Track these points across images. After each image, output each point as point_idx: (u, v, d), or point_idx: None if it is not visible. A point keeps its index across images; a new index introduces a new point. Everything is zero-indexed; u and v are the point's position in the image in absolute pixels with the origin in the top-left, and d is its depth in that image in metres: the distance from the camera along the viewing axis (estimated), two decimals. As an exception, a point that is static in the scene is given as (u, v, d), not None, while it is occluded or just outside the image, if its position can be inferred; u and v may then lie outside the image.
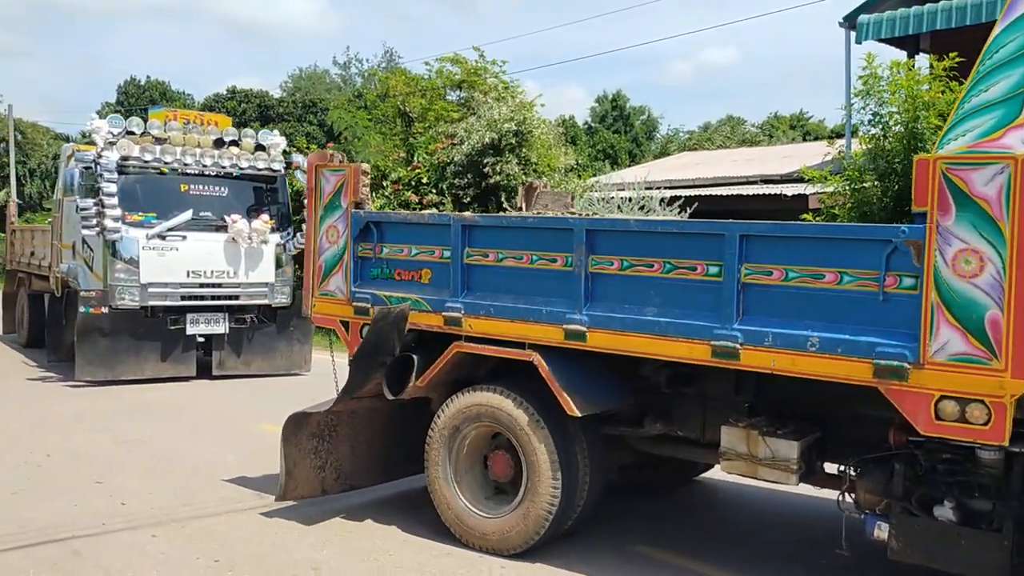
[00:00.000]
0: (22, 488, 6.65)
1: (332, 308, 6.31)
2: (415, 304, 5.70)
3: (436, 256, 5.76)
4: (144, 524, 5.88)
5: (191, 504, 6.36)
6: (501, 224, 5.72)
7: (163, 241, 11.30)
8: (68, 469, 7.26)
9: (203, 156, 11.85)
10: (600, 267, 5.03)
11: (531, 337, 5.26)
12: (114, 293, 11.08)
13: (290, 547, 5.52)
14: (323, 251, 6.34)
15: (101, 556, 5.30)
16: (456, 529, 5.60)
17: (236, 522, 5.99)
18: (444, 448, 5.62)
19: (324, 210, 6.34)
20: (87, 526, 5.81)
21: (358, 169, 6.28)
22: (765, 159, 20.16)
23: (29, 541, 5.50)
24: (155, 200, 11.53)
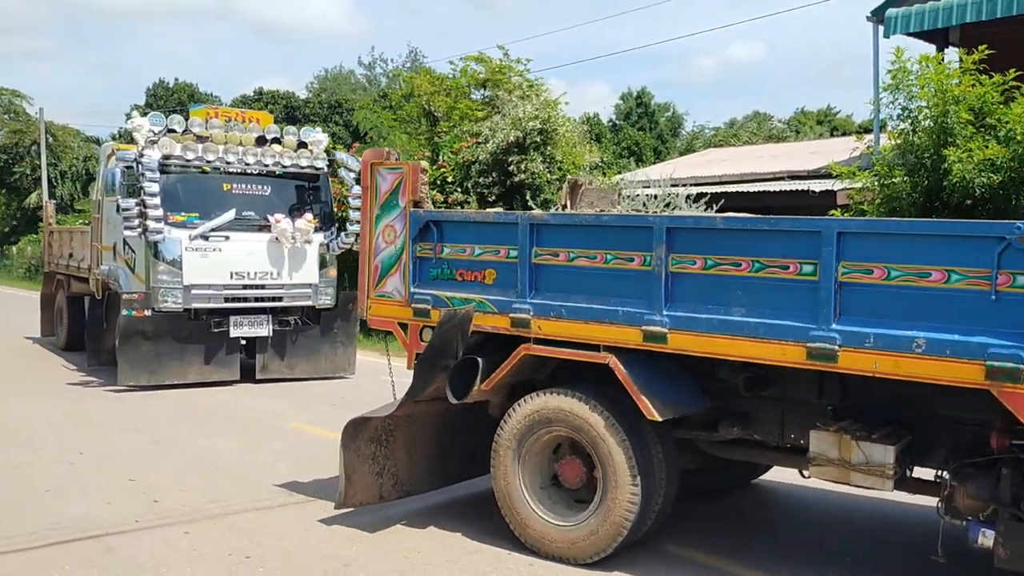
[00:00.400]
0: (56, 486, 6.69)
1: (389, 310, 6.12)
2: (479, 305, 5.53)
3: (502, 256, 5.55)
4: (177, 521, 5.92)
5: (222, 501, 6.38)
6: (573, 222, 5.47)
7: (206, 242, 10.95)
8: (101, 467, 7.30)
9: (245, 154, 11.44)
10: (682, 266, 4.82)
11: (606, 339, 5.06)
12: (156, 295, 10.75)
13: (320, 544, 5.54)
14: (379, 251, 6.14)
15: (134, 552, 5.34)
16: (527, 537, 5.39)
17: (267, 519, 6.02)
18: (513, 453, 5.42)
19: (380, 209, 6.13)
20: (120, 523, 5.86)
21: (417, 167, 6.07)
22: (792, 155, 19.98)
23: (64, 537, 5.54)
24: (197, 200, 11.17)
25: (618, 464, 4.98)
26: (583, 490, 5.34)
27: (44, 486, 6.68)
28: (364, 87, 46.27)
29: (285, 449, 8.05)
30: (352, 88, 46.08)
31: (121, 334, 10.72)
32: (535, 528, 5.35)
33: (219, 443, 8.29)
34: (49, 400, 10.31)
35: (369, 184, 6.19)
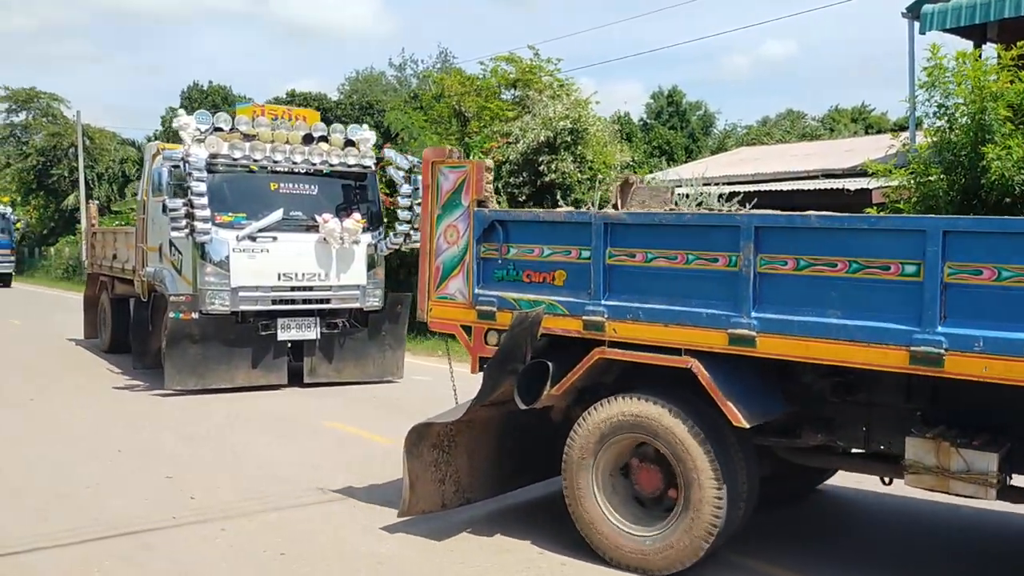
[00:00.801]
0: (95, 483, 6.73)
1: (452, 312, 5.91)
2: (549, 308, 5.34)
3: (573, 256, 5.34)
4: (213, 518, 5.93)
5: (257, 499, 6.38)
6: (652, 222, 5.23)
7: (253, 243, 10.60)
8: (139, 464, 7.33)
9: (293, 153, 11.05)
10: (771, 267, 4.59)
11: (687, 342, 4.85)
12: (204, 298, 10.41)
13: (354, 541, 5.53)
14: (441, 252, 5.93)
15: (172, 549, 5.36)
16: (602, 546, 5.17)
17: (301, 516, 6.02)
18: (587, 460, 5.19)
19: (442, 209, 5.91)
20: (158, 520, 5.87)
21: (481, 165, 5.85)
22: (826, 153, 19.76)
23: (103, 534, 5.57)
24: (244, 199, 10.84)
25: (702, 473, 4.77)
26: (658, 499, 5.14)
27: (84, 483, 6.73)
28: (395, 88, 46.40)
29: (320, 448, 8.05)
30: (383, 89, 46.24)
31: (168, 337, 10.43)
32: (609, 536, 5.14)
33: (254, 441, 8.30)
34: (90, 399, 10.33)
35: (430, 183, 5.99)
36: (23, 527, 5.71)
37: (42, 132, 45.90)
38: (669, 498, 5.06)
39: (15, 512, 6.06)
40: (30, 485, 6.69)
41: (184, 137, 10.54)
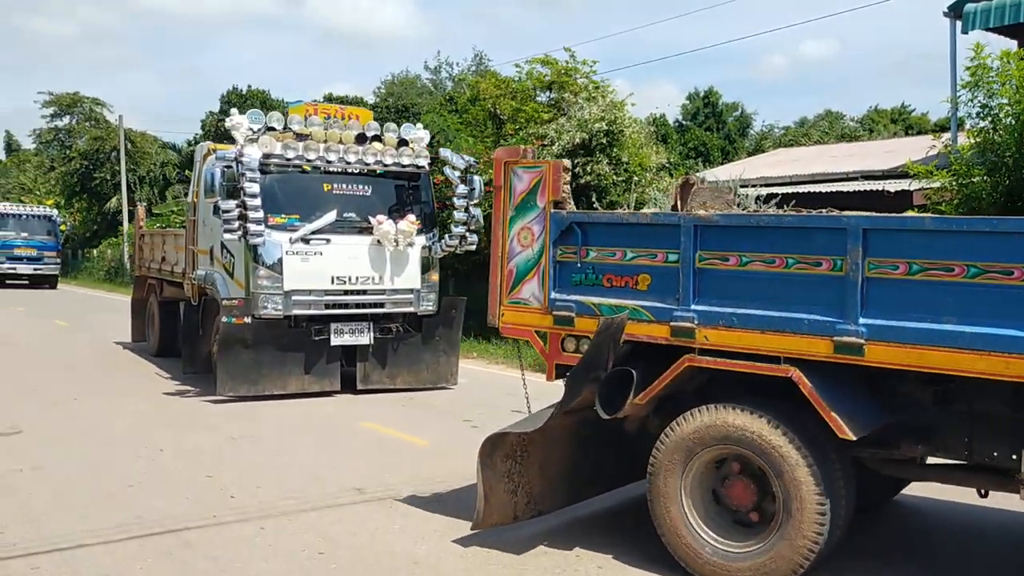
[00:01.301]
0: (138, 481, 6.76)
1: (525, 318, 5.68)
2: (633, 313, 5.12)
3: (659, 260, 5.10)
4: (252, 517, 5.93)
5: (296, 498, 6.38)
6: (747, 224, 4.95)
7: (307, 245, 10.25)
8: (180, 464, 7.36)
9: (346, 152, 10.64)
10: (880, 271, 4.33)
11: (787, 350, 4.60)
12: (256, 302, 10.06)
13: (390, 541, 5.52)
14: (514, 255, 5.70)
15: (212, 547, 5.37)
16: (687, 559, 4.92)
17: (338, 516, 6.01)
18: (676, 471, 4.94)
19: (516, 210, 5.70)
20: (199, 518, 5.89)
21: (558, 165, 5.60)
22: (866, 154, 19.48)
23: (145, 531, 5.60)
24: (297, 200, 10.49)
25: (803, 486, 4.49)
26: (750, 513, 4.89)
27: (127, 481, 6.76)
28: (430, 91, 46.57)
29: (359, 448, 8.04)
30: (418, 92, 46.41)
31: (222, 342, 10.07)
32: (695, 549, 4.89)
33: (294, 441, 8.29)
34: (134, 400, 10.33)
35: (503, 184, 5.74)
36: (67, 524, 5.74)
37: (85, 136, 46.73)
38: (762, 512, 4.82)
39: (60, 509, 6.08)
40: (74, 483, 6.71)
41: (236, 137, 10.26)
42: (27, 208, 34.60)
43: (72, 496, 6.42)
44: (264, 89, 44.72)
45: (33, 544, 5.38)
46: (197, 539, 5.55)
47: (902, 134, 33.69)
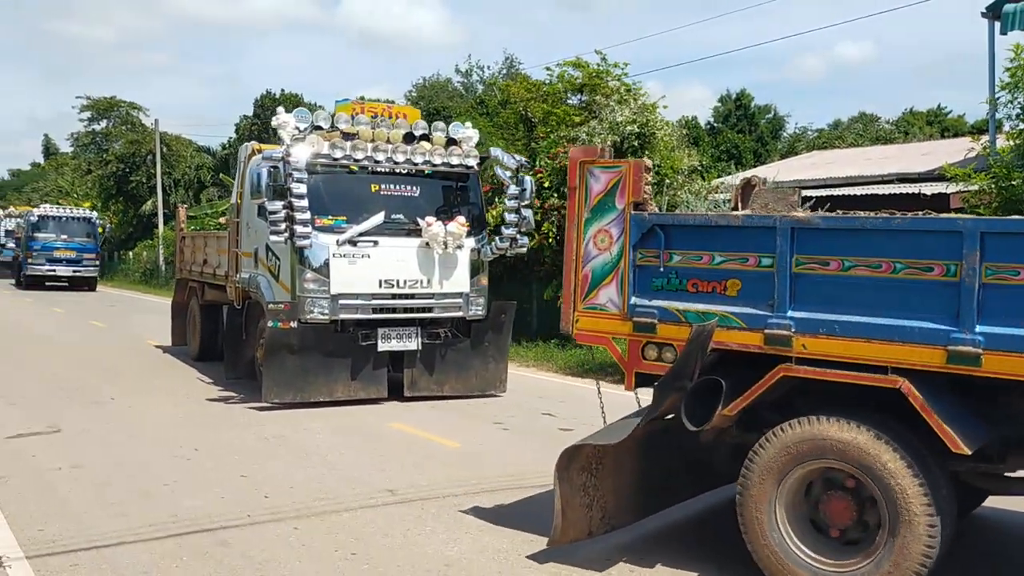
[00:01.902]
0: (174, 480, 6.89)
1: (602, 324, 5.47)
2: (722, 320, 4.92)
3: (750, 264, 4.90)
4: (286, 517, 6.00)
5: (328, 499, 6.45)
6: (850, 227, 4.69)
7: (354, 247, 9.98)
8: (215, 463, 7.47)
9: (395, 152, 10.35)
10: (1000, 277, 4.16)
11: (895, 360, 4.41)
12: (303, 305, 9.79)
13: (422, 543, 5.56)
14: (589, 259, 5.50)
15: (247, 546, 5.44)
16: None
17: (370, 517, 6.05)
18: (769, 486, 4.73)
19: (592, 212, 5.49)
20: (234, 517, 5.98)
21: (639, 165, 5.38)
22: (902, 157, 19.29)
23: (181, 530, 5.70)
24: (344, 201, 10.21)
25: (912, 504, 4.30)
26: (849, 530, 4.69)
27: (163, 480, 6.89)
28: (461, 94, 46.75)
29: (391, 450, 8.10)
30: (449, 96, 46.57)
31: (268, 348, 9.77)
32: (791, 569, 4.72)
33: (328, 441, 8.38)
34: (172, 400, 10.52)
35: (577, 184, 5.54)
36: (106, 522, 5.87)
37: (121, 140, 47.51)
38: (862, 529, 4.63)
39: (99, 507, 6.23)
40: (112, 481, 6.87)
41: (282, 136, 10.03)
42: (67, 210, 34.79)
43: (110, 494, 6.57)
44: (297, 93, 45.09)
45: (73, 541, 5.51)
46: (232, 538, 5.63)
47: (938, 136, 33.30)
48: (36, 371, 12.55)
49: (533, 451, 8.14)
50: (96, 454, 7.75)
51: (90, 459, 7.56)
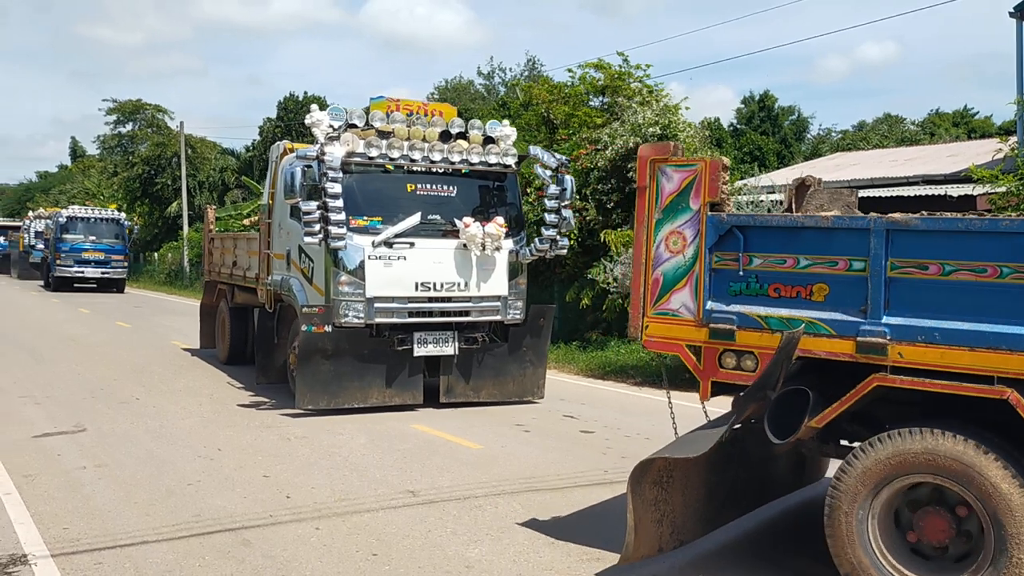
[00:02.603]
0: (197, 479, 6.96)
1: (675, 330, 5.26)
2: (809, 327, 4.71)
3: (840, 268, 4.70)
4: (307, 517, 6.05)
5: (349, 499, 6.50)
6: (952, 228, 4.44)
7: (389, 249, 9.69)
8: (237, 463, 7.53)
9: (431, 151, 10.04)
10: None
11: (1003, 369, 4.21)
12: (337, 309, 9.51)
13: (443, 544, 5.57)
14: (660, 262, 5.29)
15: (269, 546, 5.48)
16: None
17: (391, 518, 6.07)
18: (862, 503, 4.53)
19: (663, 213, 5.28)
20: (255, 517, 6.03)
21: (717, 163, 5.15)
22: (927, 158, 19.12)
23: (204, 529, 5.75)
24: (380, 202, 9.93)
25: (1021, 519, 4.12)
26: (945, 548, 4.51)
27: (187, 479, 6.97)
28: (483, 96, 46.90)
29: (411, 450, 8.14)
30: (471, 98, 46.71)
31: (301, 352, 9.58)
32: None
33: (348, 442, 8.42)
34: (197, 400, 10.58)
35: (648, 184, 5.32)
36: (130, 520, 5.95)
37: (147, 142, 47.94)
38: (959, 547, 4.46)
39: (124, 505, 6.31)
40: (136, 480, 6.95)
41: (316, 134, 9.77)
42: (95, 211, 34.75)
43: (134, 493, 6.64)
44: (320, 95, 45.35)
45: (97, 539, 5.58)
46: (255, 537, 5.67)
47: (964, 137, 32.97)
48: (62, 371, 12.69)
49: (554, 453, 8.13)
50: (120, 453, 7.83)
51: (115, 458, 7.64)
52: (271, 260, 11.32)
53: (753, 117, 43.65)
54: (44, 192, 69.20)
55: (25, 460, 7.47)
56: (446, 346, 10.04)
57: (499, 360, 10.50)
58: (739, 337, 5.02)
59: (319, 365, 9.56)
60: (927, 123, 40.30)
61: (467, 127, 10.50)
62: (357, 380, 9.74)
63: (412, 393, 10.04)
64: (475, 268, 10.11)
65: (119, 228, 33.18)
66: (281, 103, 45.67)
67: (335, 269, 9.60)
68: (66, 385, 11.46)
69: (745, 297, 5.04)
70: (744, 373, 5.03)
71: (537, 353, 10.75)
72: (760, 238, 5.04)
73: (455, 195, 10.38)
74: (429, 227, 10.03)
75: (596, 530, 5.89)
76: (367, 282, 9.62)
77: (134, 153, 48.12)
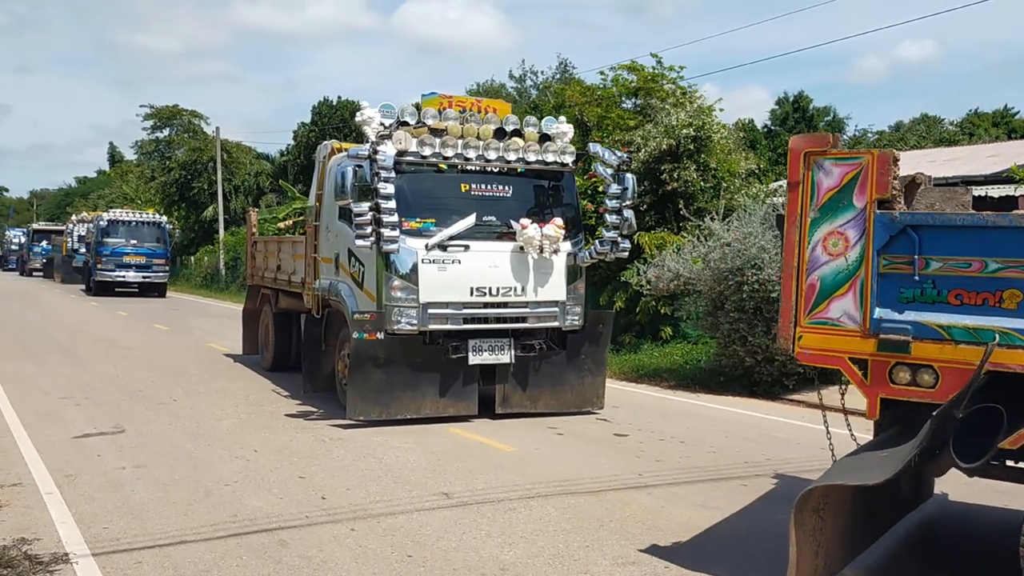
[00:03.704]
0: (234, 480, 7.02)
1: (835, 341, 4.83)
2: (1004, 338, 4.35)
3: None
4: (343, 518, 6.07)
5: (384, 500, 6.52)
6: None
7: (444, 252, 9.26)
8: (273, 464, 7.58)
9: (487, 149, 9.57)
10: None
11: None
12: (390, 315, 9.11)
13: (477, 546, 5.57)
14: (816, 265, 4.89)
15: (305, 547, 5.51)
16: None
17: (425, 520, 6.08)
18: None
19: (820, 211, 4.87)
20: (292, 517, 6.07)
21: (886, 156, 4.73)
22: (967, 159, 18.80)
23: (242, 529, 5.80)
24: (433, 203, 9.52)
25: None
26: None
27: (224, 480, 7.03)
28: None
29: (445, 452, 8.14)
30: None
31: (353, 361, 9.18)
32: None
33: (385, 444, 8.43)
34: (233, 401, 10.63)
35: (800, 179, 4.93)
36: (169, 520, 6.02)
37: (184, 147, 48.66)
38: None
39: (163, 505, 6.38)
40: (175, 481, 7.02)
41: (367, 133, 9.38)
42: (136, 214, 34.14)
43: (172, 493, 6.71)
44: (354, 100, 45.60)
45: (136, 539, 5.65)
46: (291, 538, 5.70)
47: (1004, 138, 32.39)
48: (101, 372, 12.88)
49: (588, 456, 8.11)
50: (159, 454, 7.93)
51: (153, 459, 7.73)
52: (318, 264, 10.96)
53: (787, 118, 43.25)
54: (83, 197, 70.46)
55: (66, 460, 7.58)
56: (502, 354, 9.59)
57: (557, 368, 10.04)
58: (915, 349, 4.61)
59: (371, 374, 9.18)
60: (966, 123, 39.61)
61: (522, 124, 9.99)
62: (410, 390, 9.36)
63: (466, 404, 9.60)
64: (532, 272, 9.64)
65: (160, 231, 32.95)
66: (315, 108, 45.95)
67: (387, 273, 9.21)
68: (105, 387, 11.62)
69: (920, 304, 4.63)
70: (920, 389, 4.63)
71: (596, 361, 10.27)
72: (939, 239, 4.60)
73: (510, 195, 9.93)
74: (484, 229, 9.58)
75: (632, 533, 5.88)
76: (420, 287, 9.22)
77: (171, 158, 48.89)
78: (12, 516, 6.02)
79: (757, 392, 11.88)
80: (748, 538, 5.94)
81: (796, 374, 11.71)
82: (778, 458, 8.22)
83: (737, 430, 9.63)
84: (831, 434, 5.43)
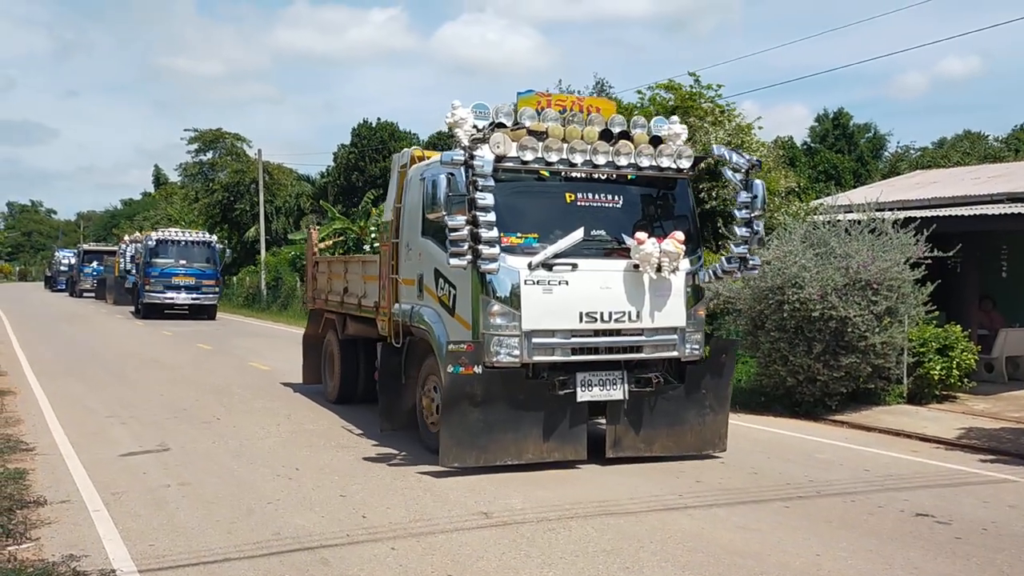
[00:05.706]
0: (276, 499, 7.08)
1: None
2: None
3: None
4: (383, 537, 6.08)
5: (423, 520, 6.53)
6: None
7: (549, 272, 8.06)
8: (315, 482, 7.64)
9: (594, 153, 8.37)
10: None
11: None
12: (488, 345, 7.92)
13: (517, 567, 5.55)
14: None
15: (346, 565, 5.52)
16: None
17: (465, 539, 6.08)
18: None
19: None
20: (333, 536, 6.10)
21: None
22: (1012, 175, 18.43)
23: (284, 548, 5.83)
24: (535, 215, 8.40)
25: None
26: None
27: (267, 498, 7.10)
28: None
29: (483, 470, 8.06)
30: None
31: (447, 399, 7.96)
32: None
33: (420, 460, 8.45)
34: (275, 419, 10.71)
35: None
36: (213, 538, 6.08)
37: (226, 169, 49.51)
38: None
39: (206, 522, 6.46)
40: (218, 499, 7.11)
41: (460, 136, 8.30)
42: (186, 233, 33.11)
43: (216, 511, 6.79)
44: (393, 121, 46.12)
45: (181, 556, 5.70)
46: (332, 557, 5.73)
47: (1052, 153, 31.74)
48: (146, 391, 13.10)
49: (628, 476, 8.06)
50: (203, 472, 8.04)
51: (197, 477, 7.84)
52: (398, 286, 9.69)
53: (827, 135, 42.88)
54: (129, 219, 71.87)
55: (113, 478, 7.72)
56: (614, 389, 8.33)
57: (675, 405, 8.71)
58: None
59: (467, 414, 7.95)
60: (1011, 139, 38.91)
61: (629, 125, 8.70)
62: (512, 431, 8.09)
63: (574, 447, 8.33)
64: (648, 294, 8.40)
65: (211, 251, 31.56)
66: (355, 129, 46.54)
67: (484, 297, 8.01)
68: (150, 405, 11.80)
69: None
70: None
71: (718, 397, 8.92)
72: None
73: (620, 206, 8.68)
74: (593, 245, 8.39)
75: (672, 555, 5.83)
76: (523, 312, 7.99)
77: (214, 180, 49.82)
78: (61, 533, 6.14)
79: (799, 412, 11.74)
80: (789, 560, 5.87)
81: (839, 394, 11.57)
82: (820, 480, 8.11)
83: (778, 451, 9.52)
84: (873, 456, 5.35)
